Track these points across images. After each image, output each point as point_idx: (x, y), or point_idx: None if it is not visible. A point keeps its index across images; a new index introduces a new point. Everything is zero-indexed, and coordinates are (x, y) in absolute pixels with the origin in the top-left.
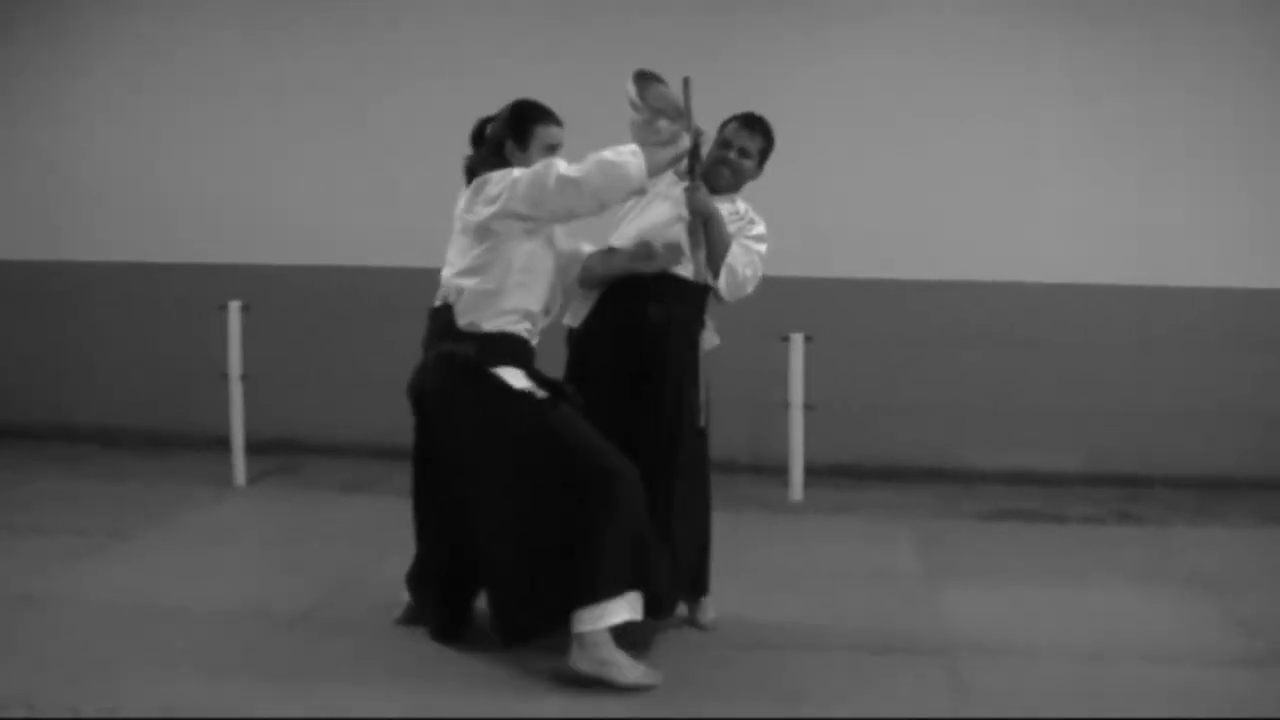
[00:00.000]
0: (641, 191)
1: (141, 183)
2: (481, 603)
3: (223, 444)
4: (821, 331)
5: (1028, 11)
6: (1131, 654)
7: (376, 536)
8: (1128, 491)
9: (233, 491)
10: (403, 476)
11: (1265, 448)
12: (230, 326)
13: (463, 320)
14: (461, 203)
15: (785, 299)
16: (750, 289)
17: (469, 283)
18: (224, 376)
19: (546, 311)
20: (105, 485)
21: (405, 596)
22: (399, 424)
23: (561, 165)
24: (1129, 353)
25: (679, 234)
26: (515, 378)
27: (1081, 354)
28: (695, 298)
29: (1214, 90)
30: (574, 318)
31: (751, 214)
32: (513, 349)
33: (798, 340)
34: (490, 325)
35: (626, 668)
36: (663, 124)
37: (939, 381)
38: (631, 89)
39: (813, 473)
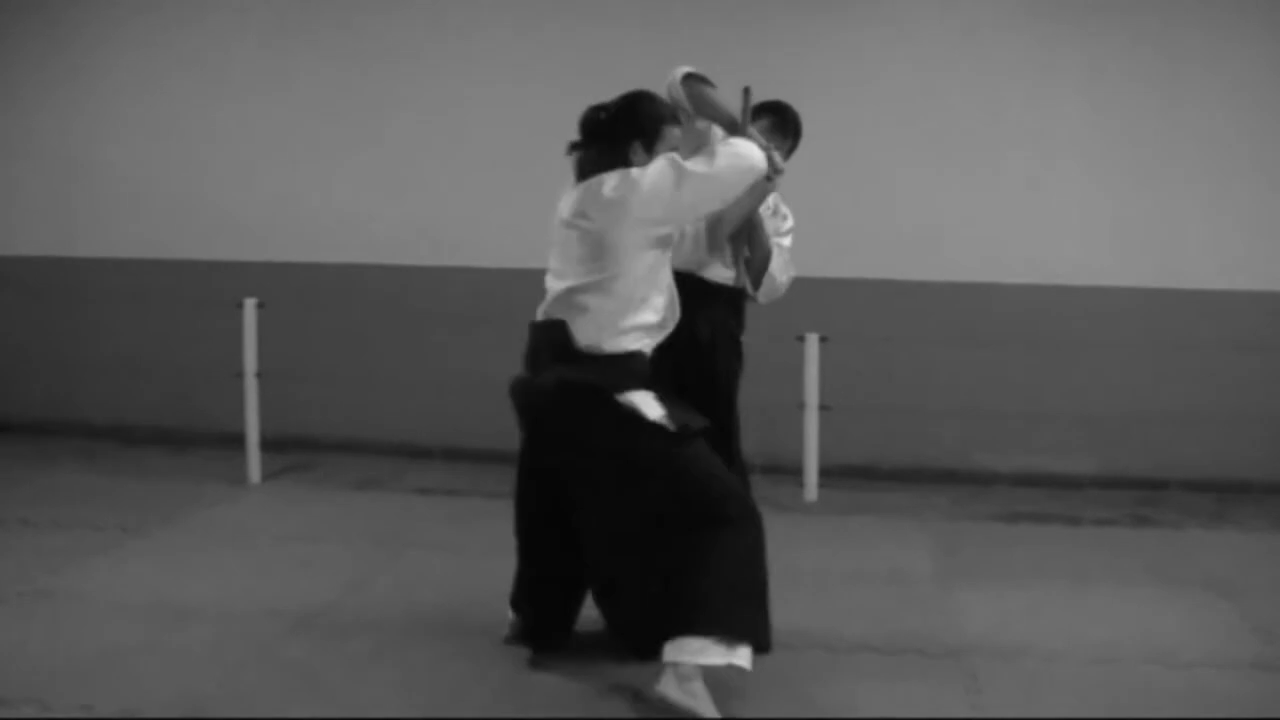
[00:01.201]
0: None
1: (158, 179)
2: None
3: (238, 441)
4: (837, 332)
5: (1046, 13)
6: (1145, 657)
7: (391, 535)
8: (1143, 494)
9: (247, 489)
10: (418, 474)
11: None
12: (246, 323)
13: (583, 340)
14: (570, 205)
15: (801, 299)
16: (784, 291)
17: (590, 300)
18: (239, 374)
19: (664, 325)
20: (120, 481)
21: (510, 615)
22: (414, 422)
23: (689, 163)
24: (1145, 355)
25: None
26: (648, 405)
27: (1097, 356)
28: (735, 300)
29: (1237, 92)
30: None
31: (783, 207)
32: (638, 369)
33: (813, 340)
34: (613, 345)
35: (707, 704)
36: (700, 125)
37: (954, 383)
38: (679, 91)
39: (827, 474)
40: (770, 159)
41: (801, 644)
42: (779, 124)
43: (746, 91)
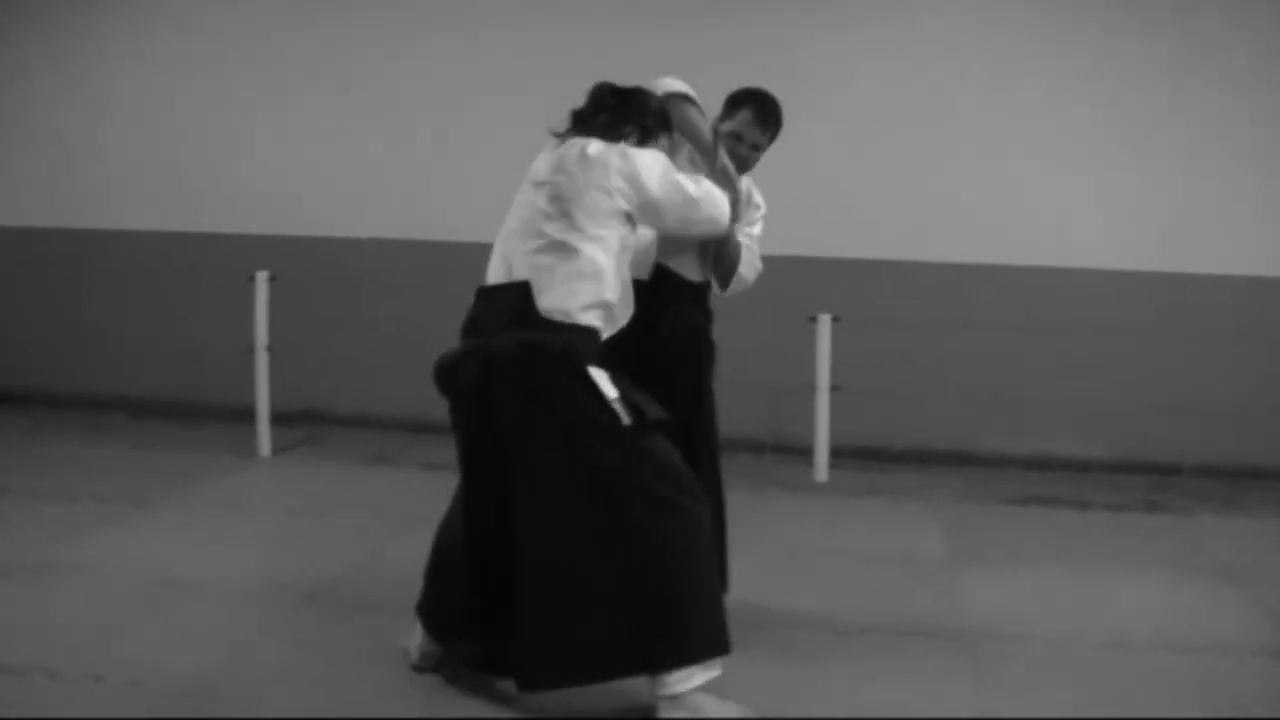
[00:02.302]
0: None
1: (171, 153)
2: None
3: (247, 415)
4: (849, 313)
5: None
6: (1155, 643)
7: (400, 509)
8: (1154, 480)
9: (257, 462)
10: (427, 449)
11: None
12: (257, 297)
13: (546, 304)
14: (547, 164)
15: (813, 279)
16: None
17: (556, 262)
18: (250, 347)
19: (616, 316)
20: (129, 454)
21: (415, 643)
22: (425, 397)
23: (683, 178)
24: (1158, 340)
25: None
26: (606, 383)
27: (1110, 341)
28: (700, 296)
29: (1251, 77)
30: None
31: (755, 195)
32: (597, 347)
33: (825, 321)
34: (576, 316)
35: (719, 709)
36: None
37: (966, 365)
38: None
39: (837, 454)
40: (733, 206)
41: (809, 625)
42: (760, 115)
43: (716, 133)
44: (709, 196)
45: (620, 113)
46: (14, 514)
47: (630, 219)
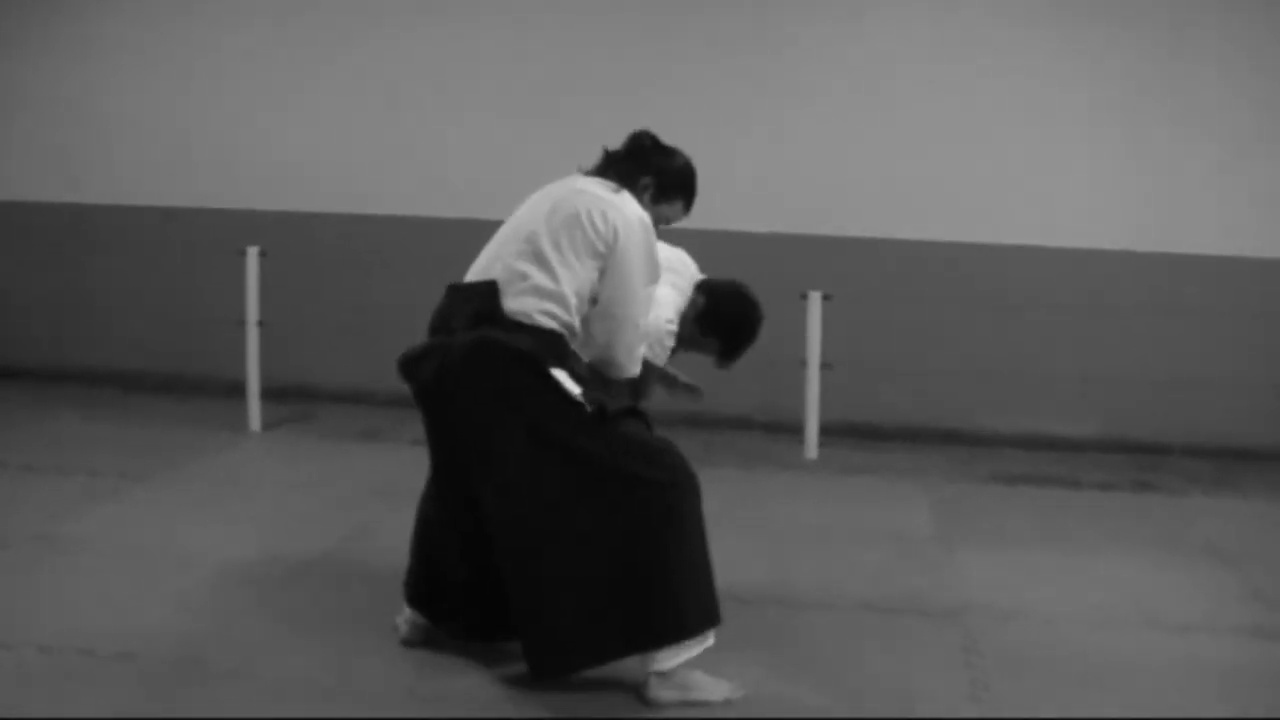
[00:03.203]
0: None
1: (163, 127)
2: None
3: (239, 390)
4: (840, 290)
5: None
6: (1144, 622)
7: (391, 485)
8: (1145, 459)
9: (248, 437)
10: (417, 425)
11: None
12: (248, 272)
13: (511, 305)
14: (560, 189)
15: (804, 257)
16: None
17: (529, 268)
18: (241, 322)
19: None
20: (122, 429)
21: (404, 617)
22: None
23: (655, 295)
24: (1149, 320)
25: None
26: (567, 381)
27: (1101, 320)
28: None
29: (1241, 56)
30: None
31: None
32: (561, 350)
33: (816, 298)
34: (540, 320)
35: (710, 686)
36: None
37: (957, 344)
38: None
39: (828, 432)
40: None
41: (800, 601)
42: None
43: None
44: (639, 337)
45: (647, 160)
46: (7, 488)
47: (600, 270)
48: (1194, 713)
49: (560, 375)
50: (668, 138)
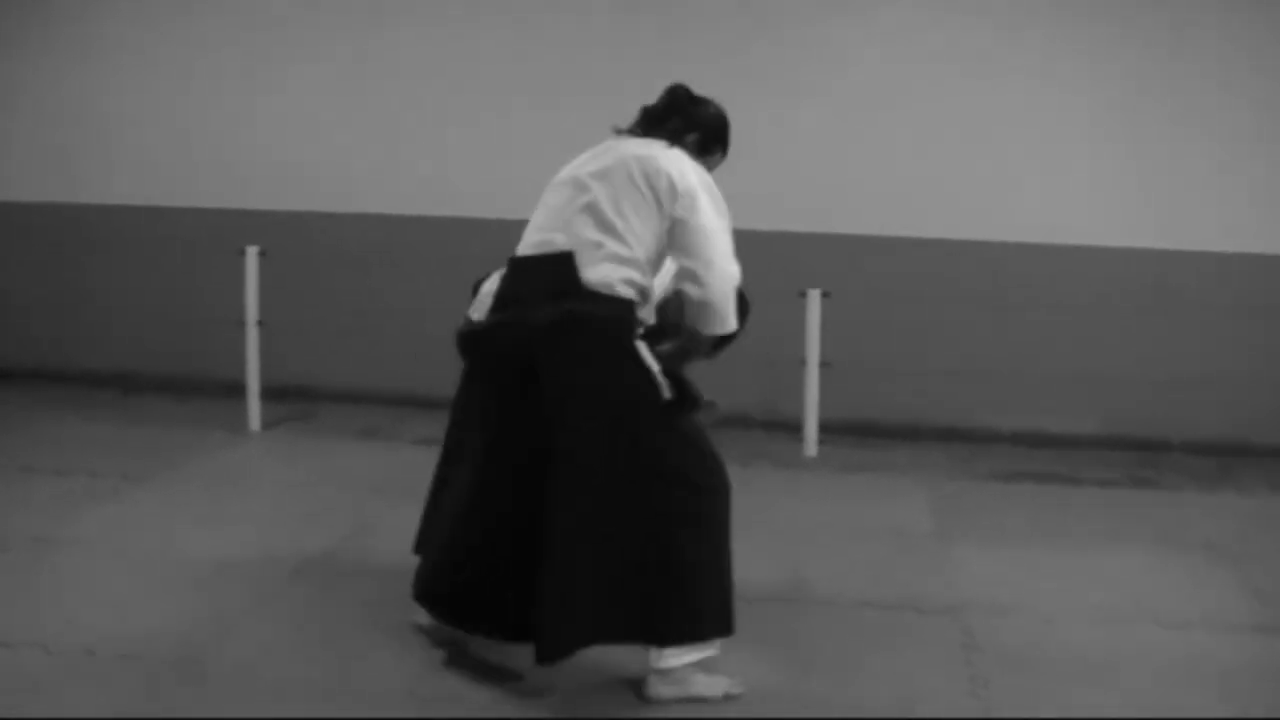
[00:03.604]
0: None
1: (161, 127)
2: None
3: (238, 389)
4: (839, 288)
5: None
6: (1143, 618)
7: (390, 484)
8: (1143, 456)
9: (248, 437)
10: (416, 424)
11: None
12: (248, 272)
13: (592, 276)
14: (611, 154)
15: (803, 254)
16: None
17: (603, 237)
18: (241, 322)
19: (648, 300)
20: (121, 429)
21: (420, 619)
22: (415, 372)
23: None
24: (1148, 316)
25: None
26: (648, 356)
27: (1100, 317)
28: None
29: (1240, 53)
30: None
31: None
32: (639, 322)
33: (815, 296)
34: (623, 291)
35: (709, 683)
36: None
37: (957, 341)
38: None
39: (827, 430)
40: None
41: (799, 599)
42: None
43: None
44: (734, 279)
45: (691, 114)
46: (7, 489)
47: (666, 230)
48: (1193, 710)
49: (644, 352)
50: None
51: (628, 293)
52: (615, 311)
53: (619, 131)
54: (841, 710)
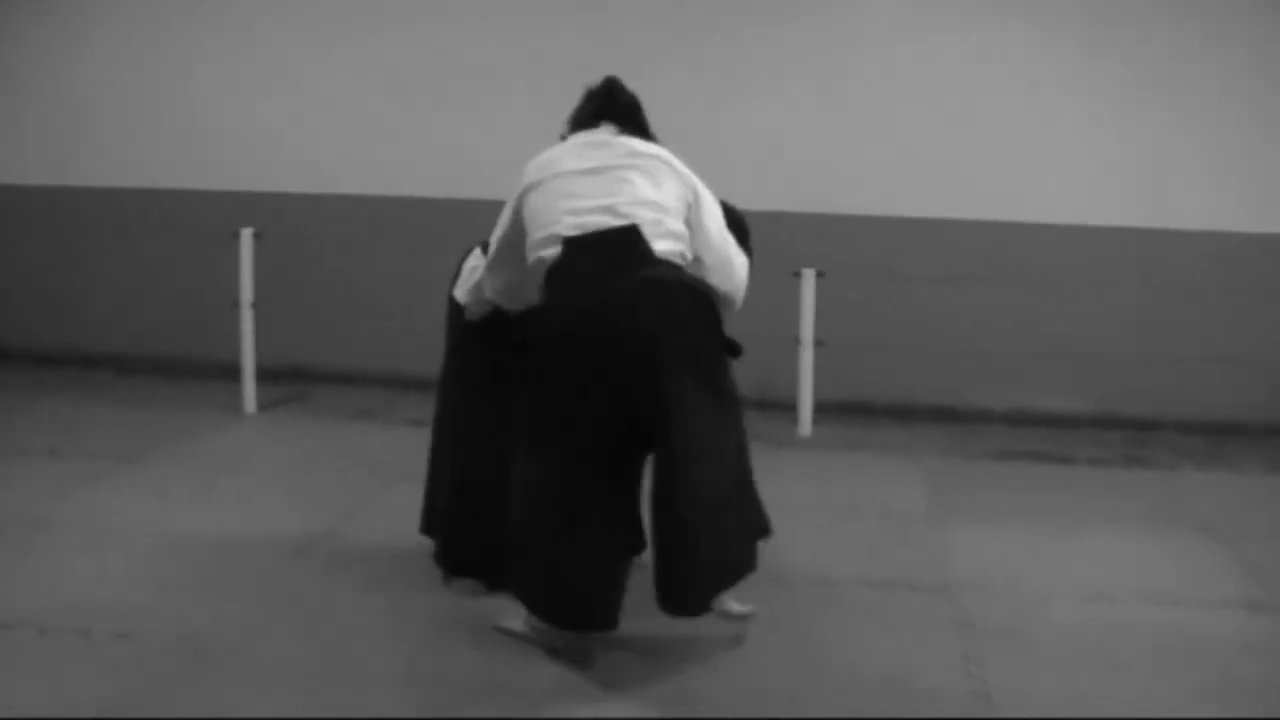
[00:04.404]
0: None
1: (156, 108)
2: None
3: (233, 371)
4: (833, 267)
5: None
6: (1136, 597)
7: (386, 465)
8: (1137, 435)
9: (243, 419)
10: (411, 405)
11: (1277, 395)
12: (243, 254)
13: (660, 246)
14: (623, 146)
15: (798, 234)
16: None
17: (652, 214)
18: (235, 304)
19: None
20: (116, 411)
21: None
22: (410, 353)
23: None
24: (1142, 296)
25: None
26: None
27: (1094, 296)
28: None
29: (1231, 30)
30: None
31: None
32: None
33: (809, 275)
34: (682, 262)
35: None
36: None
37: (950, 321)
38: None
39: (821, 409)
40: None
41: (794, 578)
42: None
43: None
44: (744, 267)
45: (641, 117)
46: (2, 470)
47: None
48: (1186, 687)
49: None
50: (661, 114)
51: (683, 263)
52: (691, 275)
53: (600, 125)
54: (834, 688)
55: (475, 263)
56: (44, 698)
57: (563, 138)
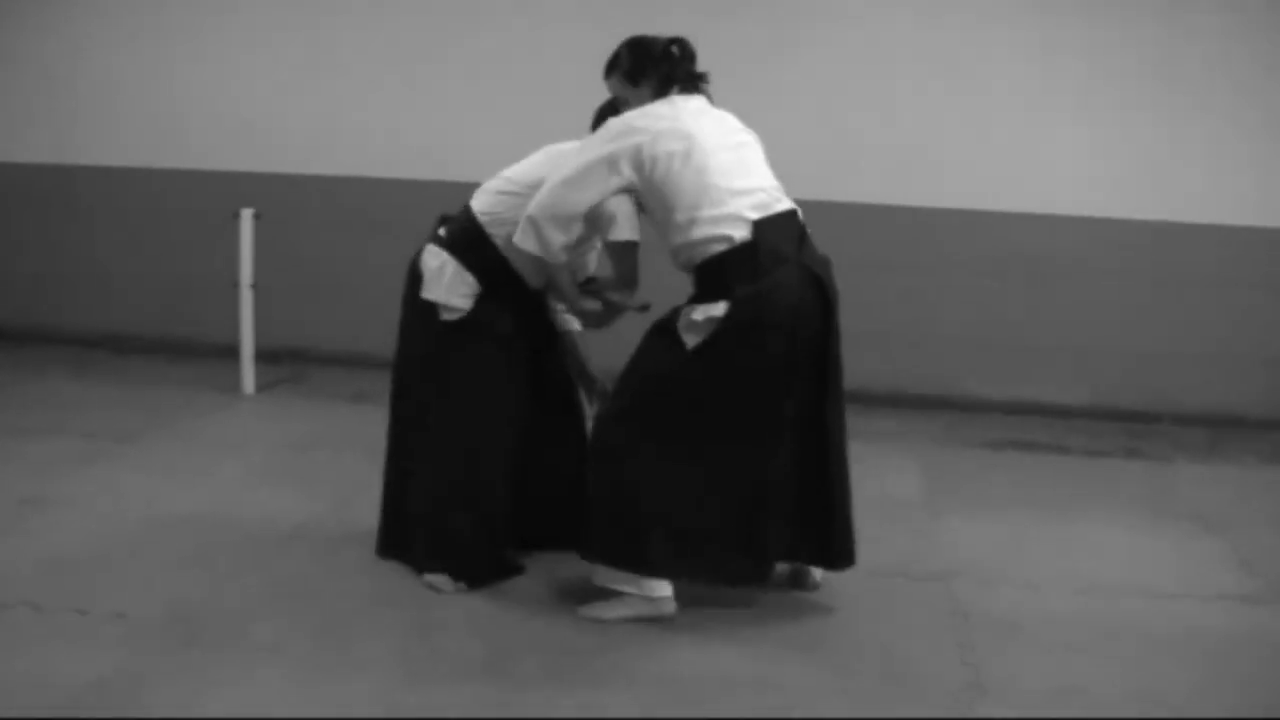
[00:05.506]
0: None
1: (155, 87)
2: None
3: (232, 352)
4: (830, 255)
5: None
6: (1131, 588)
7: (383, 448)
8: (1134, 427)
9: (241, 400)
10: None
11: (1275, 388)
12: (242, 234)
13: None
14: (733, 120)
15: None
16: None
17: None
18: (235, 284)
19: None
20: (114, 391)
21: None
22: None
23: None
24: (1140, 288)
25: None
26: None
27: (1092, 288)
28: None
29: (1236, 24)
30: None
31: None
32: None
33: None
34: None
35: None
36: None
37: (947, 310)
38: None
39: None
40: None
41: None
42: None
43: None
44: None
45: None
46: None
47: None
48: (1180, 679)
49: None
50: None
51: None
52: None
53: (694, 93)
54: (830, 677)
55: (439, 262)
56: (39, 675)
57: (635, 83)
